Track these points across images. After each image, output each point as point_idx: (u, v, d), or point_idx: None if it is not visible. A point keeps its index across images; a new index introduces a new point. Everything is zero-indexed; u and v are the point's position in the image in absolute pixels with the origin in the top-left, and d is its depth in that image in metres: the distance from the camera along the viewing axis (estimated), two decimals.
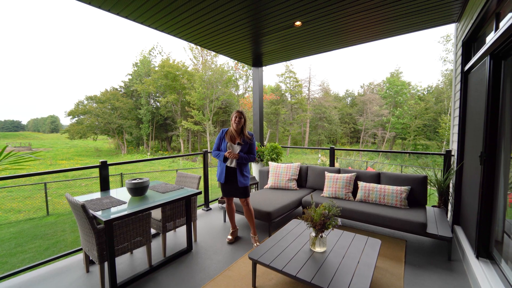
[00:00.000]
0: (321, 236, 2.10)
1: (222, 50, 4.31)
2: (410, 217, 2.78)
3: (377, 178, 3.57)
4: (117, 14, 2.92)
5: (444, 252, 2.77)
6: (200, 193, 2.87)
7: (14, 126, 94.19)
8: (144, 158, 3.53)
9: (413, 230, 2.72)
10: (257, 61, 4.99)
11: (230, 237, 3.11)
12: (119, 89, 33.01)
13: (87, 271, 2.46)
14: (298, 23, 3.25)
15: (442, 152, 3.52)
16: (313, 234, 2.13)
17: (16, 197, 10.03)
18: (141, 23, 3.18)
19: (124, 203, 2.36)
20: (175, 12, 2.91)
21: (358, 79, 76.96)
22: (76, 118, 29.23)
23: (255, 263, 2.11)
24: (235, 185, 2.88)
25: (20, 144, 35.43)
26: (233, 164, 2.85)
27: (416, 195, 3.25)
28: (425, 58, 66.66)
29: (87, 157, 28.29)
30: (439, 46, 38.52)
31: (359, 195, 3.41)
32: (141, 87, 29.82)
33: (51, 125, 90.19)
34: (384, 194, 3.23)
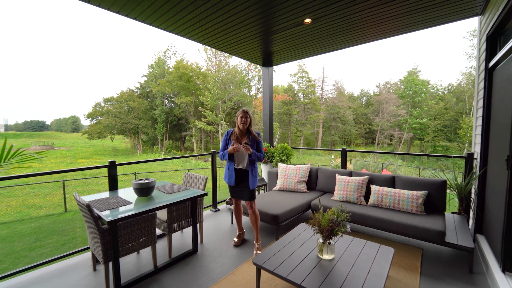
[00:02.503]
0: (329, 243, 2.00)
1: (231, 49, 4.27)
2: (427, 224, 2.60)
3: (391, 181, 3.39)
4: (126, 15, 2.95)
5: (464, 263, 2.56)
6: (206, 194, 2.83)
7: (39, 126, 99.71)
8: (156, 158, 3.57)
9: (430, 238, 2.54)
10: (267, 61, 4.92)
11: (236, 239, 3.06)
12: (135, 90, 34.06)
13: (94, 269, 2.49)
14: (307, 20, 3.15)
15: (463, 155, 3.28)
16: (321, 240, 2.03)
17: (38, 193, 10.56)
18: (150, 24, 3.20)
19: (130, 203, 2.37)
20: (182, 12, 2.90)
21: (373, 78, 75.10)
22: (95, 120, 30.52)
23: (259, 268, 2.04)
24: (246, 187, 2.82)
25: (43, 143, 37.34)
26: (242, 166, 2.79)
27: (434, 200, 3.05)
28: (445, 55, 63.85)
29: (105, 156, 29.37)
30: (464, 41, 36.56)
31: (371, 199, 3.25)
32: (156, 88, 30.58)
33: (73, 125, 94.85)
34: (398, 199, 3.05)
